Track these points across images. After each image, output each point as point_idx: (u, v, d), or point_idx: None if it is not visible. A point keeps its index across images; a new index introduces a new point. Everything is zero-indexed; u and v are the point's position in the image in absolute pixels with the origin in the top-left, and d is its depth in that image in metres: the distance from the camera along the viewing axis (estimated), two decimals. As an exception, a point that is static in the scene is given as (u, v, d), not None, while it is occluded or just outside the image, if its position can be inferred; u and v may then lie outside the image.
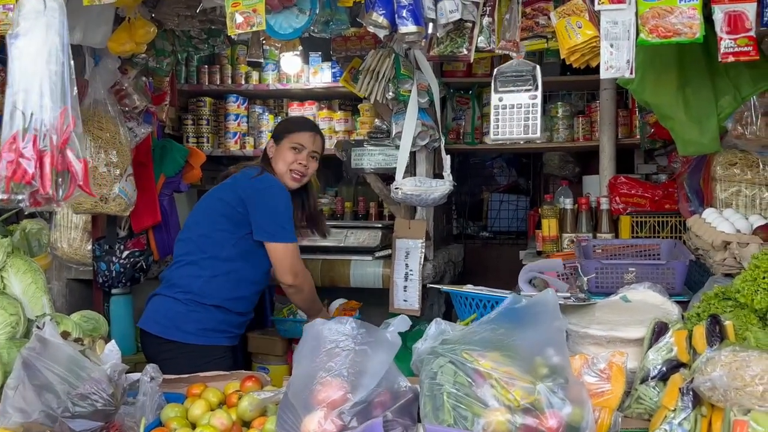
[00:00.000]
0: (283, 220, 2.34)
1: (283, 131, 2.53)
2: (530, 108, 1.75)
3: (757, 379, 1.18)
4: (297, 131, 2.50)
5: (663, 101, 1.81)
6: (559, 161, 5.00)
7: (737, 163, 2.40)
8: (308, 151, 2.47)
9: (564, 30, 1.48)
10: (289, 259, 2.34)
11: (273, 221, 2.33)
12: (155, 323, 2.33)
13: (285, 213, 2.35)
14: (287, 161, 2.44)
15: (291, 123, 2.69)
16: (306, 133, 2.49)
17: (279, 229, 2.33)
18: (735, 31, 1.47)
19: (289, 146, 2.46)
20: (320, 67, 3.87)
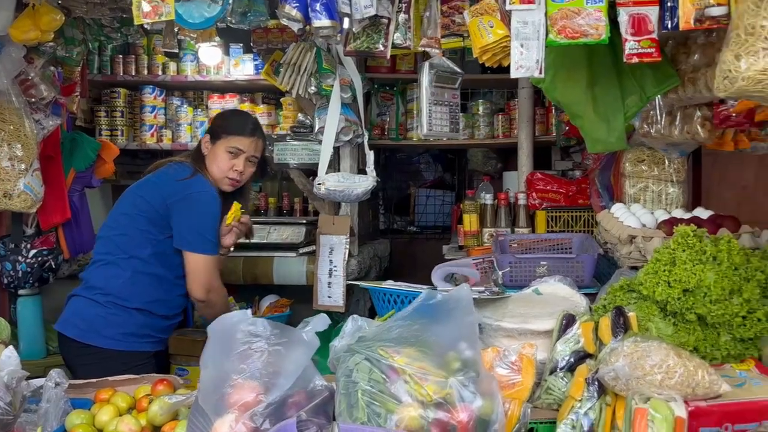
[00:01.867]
0: (207, 230, 2.19)
1: (221, 131, 2.31)
2: (453, 106, 1.77)
3: (656, 368, 1.23)
4: (236, 134, 2.28)
5: (573, 100, 1.87)
6: (483, 157, 5.11)
7: (645, 160, 2.52)
8: (246, 156, 2.29)
9: (476, 29, 1.50)
10: (204, 274, 2.19)
11: (196, 231, 2.18)
12: (73, 326, 2.18)
13: (211, 223, 2.21)
14: (222, 168, 2.26)
15: (231, 123, 2.36)
16: (246, 139, 2.28)
17: (201, 240, 2.18)
18: (639, 33, 1.53)
19: (226, 149, 2.26)
20: (241, 58, 3.78)
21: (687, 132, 1.97)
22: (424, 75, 1.74)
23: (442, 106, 1.73)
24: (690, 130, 1.95)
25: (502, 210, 3.28)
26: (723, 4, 1.41)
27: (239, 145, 2.26)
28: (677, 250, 1.48)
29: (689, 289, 1.44)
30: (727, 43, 1.31)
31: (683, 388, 1.23)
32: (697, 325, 1.45)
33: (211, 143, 2.30)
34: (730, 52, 1.29)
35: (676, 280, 1.44)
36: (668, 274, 1.46)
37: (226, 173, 2.26)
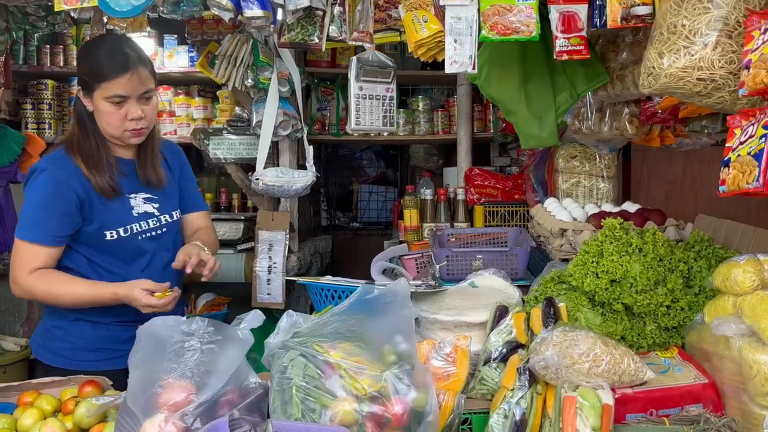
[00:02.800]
0: (26, 212, 1.85)
1: (91, 80, 1.82)
2: (388, 101, 1.77)
3: (584, 356, 1.26)
4: (109, 79, 1.79)
5: (507, 97, 1.90)
6: (424, 153, 5.15)
7: (577, 156, 2.59)
8: (136, 97, 1.82)
9: (411, 23, 1.51)
10: (13, 262, 1.85)
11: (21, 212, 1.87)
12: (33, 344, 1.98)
13: (32, 204, 1.83)
14: (114, 123, 1.82)
15: (98, 66, 1.82)
16: (124, 78, 1.78)
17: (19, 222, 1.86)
18: (568, 31, 1.57)
19: (105, 100, 1.80)
20: (176, 50, 3.69)
21: (616, 128, 2.03)
22: (351, 70, 1.74)
23: (374, 100, 1.72)
24: (619, 126, 2.02)
25: (441, 205, 3.32)
26: (648, 3, 1.46)
27: (119, 91, 1.79)
28: (605, 242, 1.53)
29: (616, 280, 1.48)
30: (651, 41, 1.36)
31: (610, 376, 1.27)
32: (624, 314, 1.50)
33: (88, 97, 1.85)
34: (653, 50, 1.34)
35: (604, 271, 1.48)
36: (596, 266, 1.50)
37: (121, 127, 1.83)
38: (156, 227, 1.94)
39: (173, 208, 2.00)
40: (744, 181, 1.12)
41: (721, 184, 1.19)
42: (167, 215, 1.97)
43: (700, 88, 1.28)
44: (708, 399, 1.33)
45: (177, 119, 3.82)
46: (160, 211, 1.95)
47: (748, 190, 1.13)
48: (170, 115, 3.85)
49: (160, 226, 1.94)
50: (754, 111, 1.16)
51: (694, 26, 1.27)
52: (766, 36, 1.10)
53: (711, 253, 1.61)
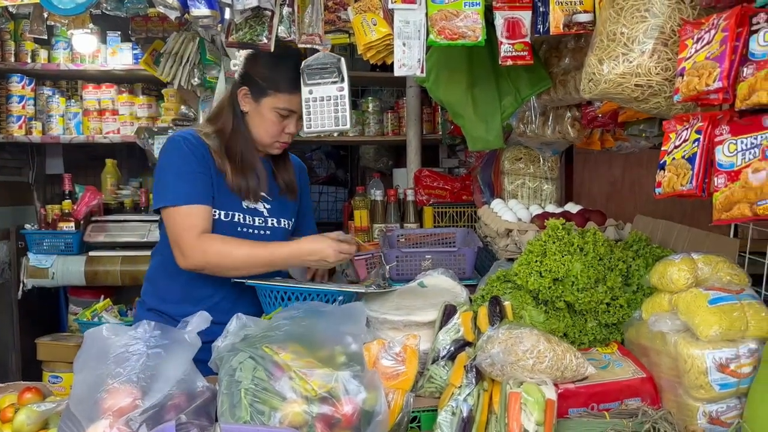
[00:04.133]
0: (169, 178, 1.80)
1: (268, 86, 1.83)
2: (339, 100, 1.77)
3: (528, 353, 1.30)
4: (284, 91, 1.81)
5: (454, 100, 1.93)
6: (375, 154, 5.17)
7: (522, 159, 2.65)
8: (299, 115, 1.84)
9: (360, 26, 1.52)
10: (171, 232, 1.78)
11: (157, 183, 1.83)
12: None
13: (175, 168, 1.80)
14: (272, 133, 1.86)
15: (281, 76, 1.82)
16: (296, 95, 1.78)
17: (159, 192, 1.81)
18: (513, 37, 1.60)
19: (274, 109, 1.83)
20: (119, 47, 3.60)
21: (558, 132, 2.09)
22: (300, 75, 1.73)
23: (324, 102, 1.72)
24: (561, 129, 2.07)
25: (391, 206, 3.34)
26: (589, 11, 1.51)
27: (291, 106, 1.83)
28: (548, 242, 1.57)
29: (558, 279, 1.53)
30: (592, 48, 1.41)
31: (553, 372, 1.31)
32: (566, 312, 1.55)
33: (254, 101, 1.86)
34: (594, 56, 1.38)
35: (547, 270, 1.53)
36: (540, 265, 1.54)
37: (277, 137, 1.88)
38: (261, 226, 1.91)
39: (285, 216, 1.98)
40: (678, 183, 1.17)
41: (657, 186, 1.24)
42: (275, 220, 1.95)
43: (638, 94, 1.33)
44: (646, 393, 1.38)
45: (120, 118, 3.73)
46: (269, 213, 1.94)
47: (682, 192, 1.18)
48: (113, 114, 3.76)
49: (265, 227, 1.92)
50: (688, 116, 1.22)
51: (632, 34, 1.32)
52: (698, 45, 1.16)
53: (648, 252, 1.67)
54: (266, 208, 1.94)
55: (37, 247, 3.42)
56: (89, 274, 3.34)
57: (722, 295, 1.28)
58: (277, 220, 1.96)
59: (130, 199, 3.70)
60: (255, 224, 1.91)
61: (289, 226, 2.00)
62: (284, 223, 1.97)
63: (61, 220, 3.41)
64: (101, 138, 3.74)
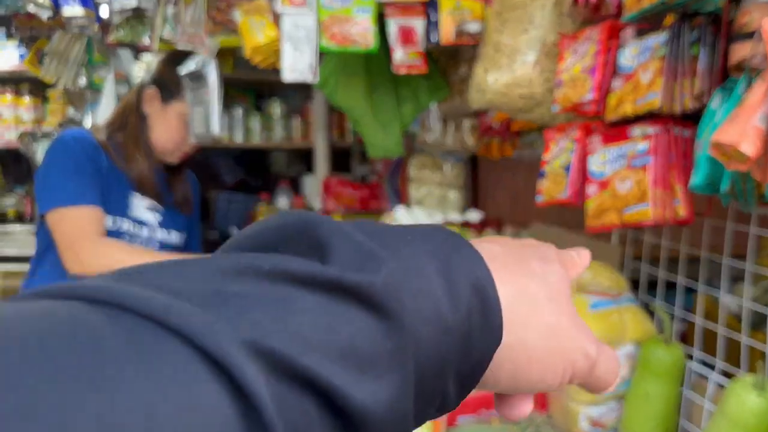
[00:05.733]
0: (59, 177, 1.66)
1: (178, 89, 1.75)
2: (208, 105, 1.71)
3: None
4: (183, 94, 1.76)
5: (353, 106, 1.91)
6: (287, 160, 5.10)
7: (427, 166, 2.66)
8: None
9: (248, 29, 1.48)
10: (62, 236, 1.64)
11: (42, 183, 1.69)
12: None
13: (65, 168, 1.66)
14: (174, 139, 1.76)
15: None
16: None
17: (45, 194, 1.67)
18: (406, 45, 1.60)
19: (180, 116, 1.76)
20: (3, 45, 3.39)
21: (458, 140, 2.11)
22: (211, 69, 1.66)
23: (200, 107, 1.67)
24: (460, 138, 2.10)
25: (298, 214, 3.29)
26: (478, 20, 1.53)
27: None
28: (441, 250, 1.57)
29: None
30: (479, 58, 1.42)
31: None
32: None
33: (162, 103, 1.77)
34: (480, 66, 1.40)
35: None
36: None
37: (179, 146, 1.79)
38: (148, 237, 1.79)
39: (176, 228, 1.86)
40: (556, 191, 1.19)
41: (538, 193, 1.27)
42: (165, 231, 1.83)
43: (522, 105, 1.35)
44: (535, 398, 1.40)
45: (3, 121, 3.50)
46: (160, 224, 1.82)
47: (560, 200, 1.21)
48: (-3, 116, 3.52)
49: (152, 240, 1.80)
50: (565, 126, 1.24)
51: (516, 45, 1.34)
52: (574, 57, 1.19)
53: (540, 259, 1.70)
54: (157, 219, 1.85)
55: None
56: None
57: (602, 299, 1.31)
58: (168, 231, 1.87)
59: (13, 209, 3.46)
60: (142, 234, 1.81)
61: (180, 240, 1.91)
62: (174, 235, 1.89)
63: (-61, 230, 3.16)
64: (-17, 142, 3.50)
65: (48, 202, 1.66)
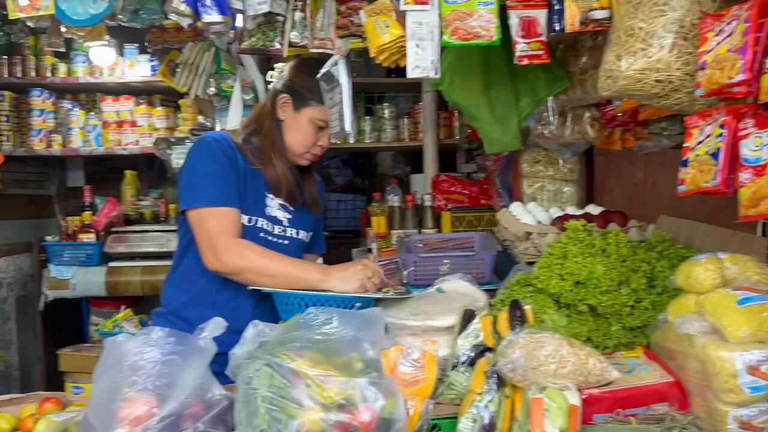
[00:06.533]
0: (202, 178, 1.77)
1: (311, 96, 1.83)
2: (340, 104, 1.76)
3: (549, 358, 1.26)
4: (319, 102, 1.82)
5: (470, 102, 1.91)
6: (392, 161, 5.17)
7: (540, 161, 2.62)
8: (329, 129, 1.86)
9: (372, 29, 1.51)
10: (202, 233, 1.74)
11: (186, 184, 1.79)
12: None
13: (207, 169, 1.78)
14: (306, 143, 1.86)
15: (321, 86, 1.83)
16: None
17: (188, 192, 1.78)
18: (528, 36, 1.58)
19: (311, 120, 1.84)
20: (137, 59, 3.64)
21: (577, 132, 2.05)
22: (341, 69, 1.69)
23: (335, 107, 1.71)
24: (580, 130, 2.04)
25: (409, 212, 3.32)
26: (606, 7, 1.48)
27: (326, 117, 1.83)
28: (569, 244, 1.54)
29: (580, 281, 1.49)
30: (609, 44, 1.38)
31: (576, 377, 1.27)
32: (589, 315, 1.51)
33: (294, 110, 1.86)
34: (612, 52, 1.35)
35: (568, 272, 1.49)
36: (560, 268, 1.51)
37: (309, 148, 1.88)
38: (280, 235, 1.90)
39: (304, 228, 1.96)
40: (702, 180, 1.14)
41: (680, 183, 1.21)
42: (294, 230, 1.93)
43: (658, 90, 1.30)
44: (673, 397, 1.34)
45: (139, 129, 3.77)
46: (290, 222, 1.92)
47: (706, 189, 1.15)
48: (131, 125, 3.79)
49: (284, 237, 1.90)
50: (710, 111, 1.18)
51: (651, 29, 1.29)
52: (719, 37, 1.13)
53: (673, 253, 1.63)
54: (287, 218, 1.93)
55: (58, 259, 3.45)
56: (110, 284, 3.36)
57: (751, 294, 1.23)
58: (296, 231, 1.94)
59: (149, 210, 3.72)
60: (275, 233, 1.90)
61: (307, 238, 1.98)
62: (302, 235, 1.96)
63: (81, 232, 3.44)
64: (120, 150, 3.78)
65: (190, 201, 1.78)
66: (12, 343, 3.70)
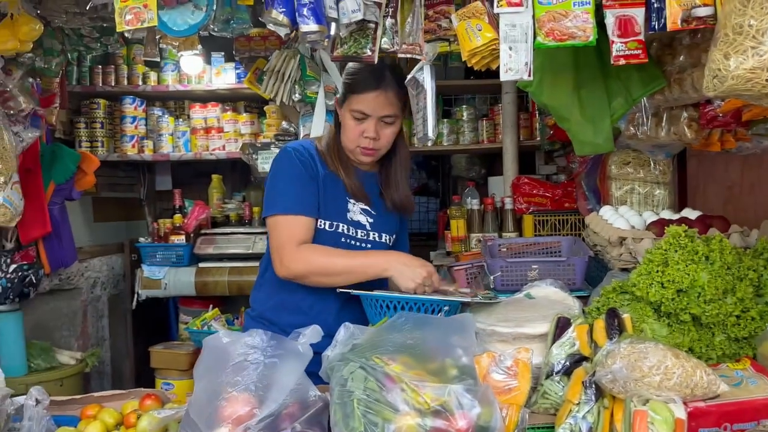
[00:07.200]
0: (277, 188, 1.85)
1: (346, 90, 1.87)
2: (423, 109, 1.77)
3: (654, 369, 1.22)
4: (357, 92, 1.82)
5: (559, 103, 1.87)
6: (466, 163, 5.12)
7: (630, 162, 2.53)
8: (376, 119, 1.83)
9: (464, 32, 1.50)
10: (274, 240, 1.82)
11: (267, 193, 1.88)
12: None
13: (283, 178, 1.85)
14: (350, 137, 1.86)
15: (354, 79, 1.86)
16: (368, 94, 1.80)
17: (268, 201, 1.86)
18: (625, 35, 1.53)
19: (350, 112, 1.85)
20: (223, 67, 3.77)
21: (674, 133, 1.97)
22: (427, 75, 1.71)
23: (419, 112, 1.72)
24: (677, 131, 1.96)
25: (488, 215, 3.28)
26: (709, 4, 1.42)
27: (362, 108, 1.82)
28: (669, 250, 1.48)
29: (683, 290, 1.43)
30: (715, 42, 1.31)
31: (682, 389, 1.22)
32: (691, 325, 1.45)
33: (340, 106, 1.91)
34: (718, 51, 1.29)
35: (670, 280, 1.44)
36: (661, 275, 1.45)
37: (356, 142, 1.85)
38: (363, 239, 1.93)
39: (387, 231, 1.98)
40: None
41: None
42: (377, 234, 1.95)
43: (770, 89, 1.23)
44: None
45: (225, 135, 3.90)
46: (372, 227, 1.95)
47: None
48: (218, 131, 3.92)
49: (366, 240, 1.94)
50: (832, 111, 1.11)
51: (762, 26, 1.23)
52: (843, 33, 1.06)
53: (781, 260, 1.54)
54: (369, 222, 1.94)
55: (150, 260, 3.61)
56: (199, 284, 3.48)
57: None
58: (379, 234, 1.96)
59: (235, 213, 3.84)
60: (357, 236, 1.93)
61: (390, 241, 1.99)
62: (385, 238, 1.97)
63: (173, 234, 3.58)
64: (208, 155, 3.91)
65: (268, 208, 1.86)
66: (105, 340, 3.90)
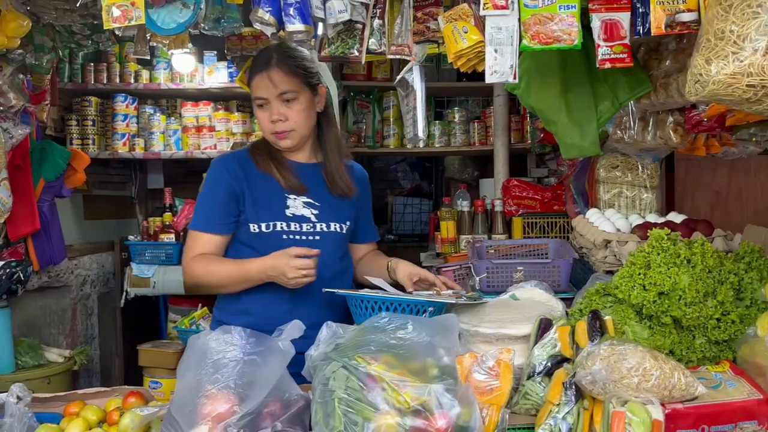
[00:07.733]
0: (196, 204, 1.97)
1: (248, 82, 1.93)
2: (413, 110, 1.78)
3: (632, 371, 1.23)
4: (252, 80, 1.86)
5: (547, 106, 1.87)
6: (459, 165, 5.14)
7: (618, 166, 2.55)
8: (276, 100, 1.81)
9: (451, 34, 1.50)
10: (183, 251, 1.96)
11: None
12: None
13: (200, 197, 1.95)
14: (263, 127, 1.88)
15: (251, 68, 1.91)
16: (259, 78, 1.82)
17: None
18: (611, 39, 1.54)
19: (255, 105, 1.88)
20: (215, 66, 3.77)
21: (660, 137, 1.99)
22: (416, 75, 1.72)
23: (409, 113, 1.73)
24: (663, 135, 1.97)
25: (479, 217, 3.29)
26: (693, 9, 1.43)
27: (259, 93, 1.83)
28: (652, 253, 1.49)
29: (664, 292, 1.44)
30: (698, 47, 1.33)
31: (660, 391, 1.23)
32: (672, 328, 1.46)
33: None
34: (700, 56, 1.30)
35: (651, 283, 1.45)
36: (643, 278, 1.46)
37: (269, 129, 1.86)
38: (309, 232, 1.88)
39: (337, 220, 1.92)
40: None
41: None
42: (324, 224, 1.90)
43: (750, 95, 1.24)
44: (763, 415, 1.28)
45: (217, 134, 3.90)
46: (318, 218, 1.90)
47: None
48: (210, 130, 3.92)
49: (314, 233, 1.89)
50: (809, 117, 1.12)
51: (743, 31, 1.24)
52: (821, 39, 1.07)
53: (762, 264, 1.55)
54: (314, 214, 1.90)
55: (139, 258, 3.60)
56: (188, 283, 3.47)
57: None
58: (327, 224, 1.91)
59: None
60: (302, 230, 1.88)
61: (343, 229, 1.93)
62: (335, 226, 1.91)
63: (162, 232, 3.58)
64: (199, 153, 3.91)
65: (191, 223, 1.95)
66: (94, 338, 3.89)
